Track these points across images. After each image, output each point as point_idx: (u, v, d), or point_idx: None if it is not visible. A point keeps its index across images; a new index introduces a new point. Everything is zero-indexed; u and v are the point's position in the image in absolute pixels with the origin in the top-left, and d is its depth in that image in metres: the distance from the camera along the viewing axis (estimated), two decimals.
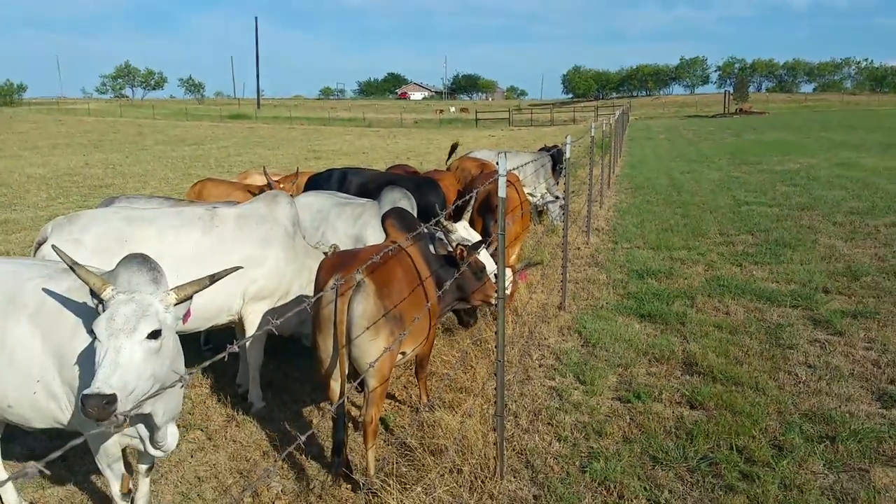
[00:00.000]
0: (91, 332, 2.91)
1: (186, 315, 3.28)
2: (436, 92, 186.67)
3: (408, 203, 6.18)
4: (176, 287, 3.06)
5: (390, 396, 5.78)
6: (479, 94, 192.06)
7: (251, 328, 5.38)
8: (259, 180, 9.18)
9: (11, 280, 3.65)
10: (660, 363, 6.22)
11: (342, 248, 5.84)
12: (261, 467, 4.74)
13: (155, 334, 2.90)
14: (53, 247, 3.33)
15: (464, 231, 5.87)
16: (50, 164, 25.85)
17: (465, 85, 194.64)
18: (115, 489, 3.67)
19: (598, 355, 6.44)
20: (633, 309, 7.71)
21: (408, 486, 4.25)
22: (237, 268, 3.24)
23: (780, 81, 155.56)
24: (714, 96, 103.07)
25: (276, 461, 4.81)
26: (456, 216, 5.85)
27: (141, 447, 3.59)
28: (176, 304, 3.04)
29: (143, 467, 3.95)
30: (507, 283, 7.20)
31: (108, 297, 2.95)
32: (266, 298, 5.33)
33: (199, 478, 4.63)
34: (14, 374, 3.46)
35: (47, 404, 3.50)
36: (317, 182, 8.00)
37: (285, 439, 5.08)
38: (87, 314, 3.38)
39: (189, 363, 6.29)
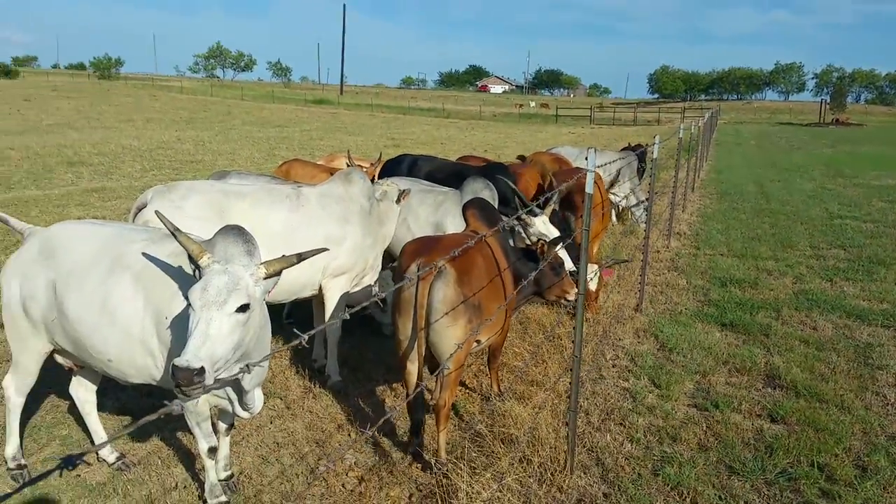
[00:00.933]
0: (186, 297, 3.03)
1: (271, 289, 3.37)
2: (516, 86, 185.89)
3: (489, 194, 6.20)
4: (266, 262, 3.15)
5: (461, 384, 5.82)
6: (561, 90, 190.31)
7: (331, 302, 5.52)
8: (343, 164, 9.36)
9: (116, 242, 3.84)
10: (740, 374, 6.08)
11: (421, 234, 5.94)
12: (335, 439, 4.85)
13: (244, 308, 2.98)
14: (157, 212, 3.47)
15: (542, 225, 5.87)
16: (144, 136, 26.89)
17: (546, 80, 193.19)
18: (203, 446, 3.83)
19: (674, 360, 6.34)
20: (713, 317, 7.54)
21: (477, 471, 4.28)
22: (324, 249, 3.33)
23: (881, 94, 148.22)
24: (809, 104, 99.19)
25: (349, 434, 4.93)
26: (536, 211, 5.86)
27: (228, 408, 3.74)
28: (265, 279, 3.12)
29: (223, 426, 4.11)
30: (590, 280, 7.18)
31: (205, 264, 3.06)
32: (345, 273, 5.50)
33: (277, 443, 4.78)
34: (116, 331, 3.63)
35: (144, 361, 3.67)
36: (388, 167, 8.11)
37: (359, 414, 5.19)
38: (186, 279, 3.53)
39: (272, 335, 6.54)
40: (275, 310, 6.70)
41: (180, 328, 3.45)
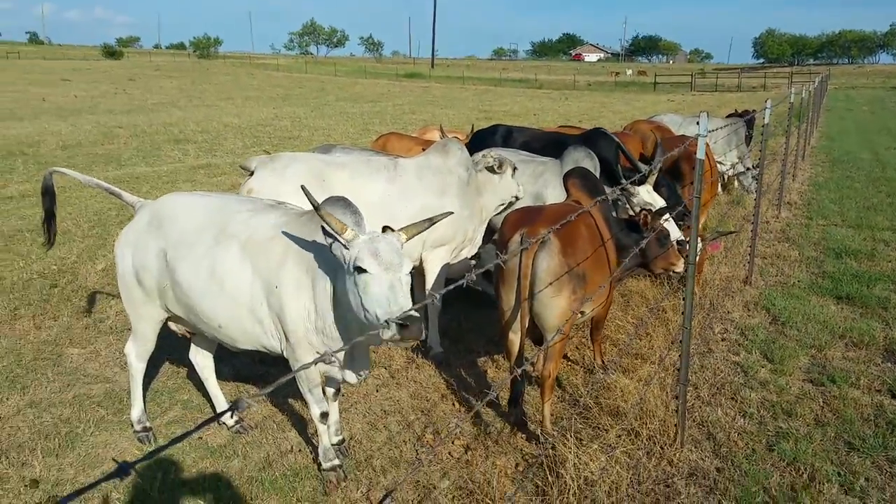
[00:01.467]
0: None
1: None
2: (612, 54, 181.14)
3: (590, 163, 6.07)
4: (404, 228, 3.32)
5: (563, 356, 5.79)
6: (660, 56, 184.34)
7: (431, 274, 5.57)
8: (436, 137, 9.37)
9: (221, 212, 3.96)
10: (858, 348, 5.80)
11: (520, 205, 5.87)
12: (439, 408, 4.92)
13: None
14: (302, 187, 3.51)
15: (646, 195, 5.71)
16: (244, 114, 27.71)
17: (644, 47, 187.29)
18: (315, 411, 3.95)
19: (787, 334, 6.10)
20: (828, 289, 7.20)
21: (584, 443, 4.26)
22: (449, 213, 3.38)
23: None
24: None
25: (453, 404, 4.99)
26: (640, 180, 5.70)
27: (338, 376, 3.84)
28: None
29: (331, 392, 4.23)
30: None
31: (351, 237, 3.20)
32: (444, 245, 5.53)
33: (384, 411, 4.89)
34: (225, 298, 3.78)
35: (253, 328, 3.81)
36: (482, 137, 8.03)
37: (461, 384, 5.24)
38: (292, 249, 3.65)
39: None
40: None
41: (291, 297, 3.61)
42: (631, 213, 5.61)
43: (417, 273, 5.83)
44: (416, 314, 2.92)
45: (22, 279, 7.14)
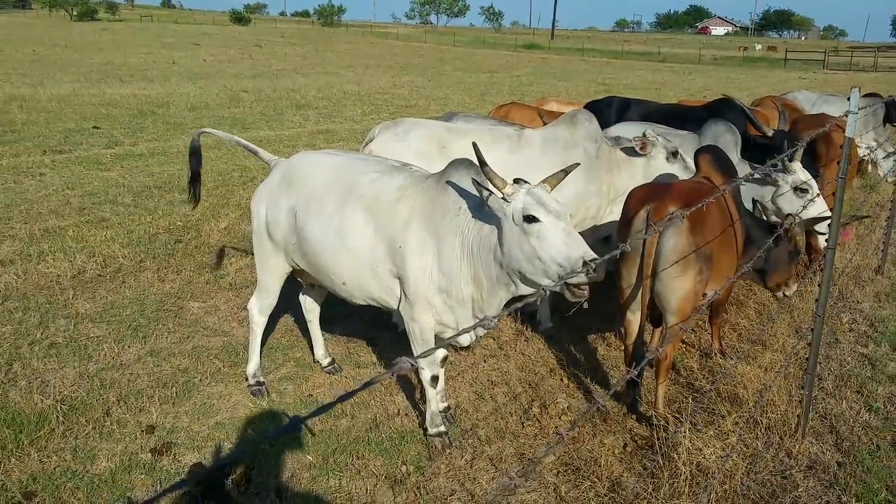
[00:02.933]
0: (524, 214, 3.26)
1: None
2: (740, 28, 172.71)
3: (731, 138, 5.71)
4: (546, 179, 3.46)
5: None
6: (791, 32, 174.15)
7: None
8: (554, 108, 9.15)
9: (349, 173, 4.02)
10: None
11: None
12: (547, 382, 4.83)
13: None
14: (473, 144, 3.52)
15: (801, 172, 5.33)
16: (363, 82, 28.12)
17: (775, 21, 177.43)
18: (426, 375, 3.96)
19: None
20: None
21: (699, 428, 4.08)
22: (577, 164, 3.54)
23: None
24: None
25: (561, 379, 4.88)
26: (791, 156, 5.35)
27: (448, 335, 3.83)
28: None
29: (439, 357, 4.20)
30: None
31: (511, 191, 3.32)
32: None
33: (491, 381, 4.84)
34: (349, 256, 3.87)
35: (373, 284, 3.90)
36: (596, 108, 7.74)
37: (570, 360, 5.12)
38: (418, 209, 3.68)
39: None
40: None
41: (413, 257, 3.66)
42: (782, 190, 5.27)
43: None
44: (594, 257, 3.00)
45: (148, 233, 7.50)
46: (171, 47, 44.02)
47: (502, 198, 3.29)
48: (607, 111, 7.45)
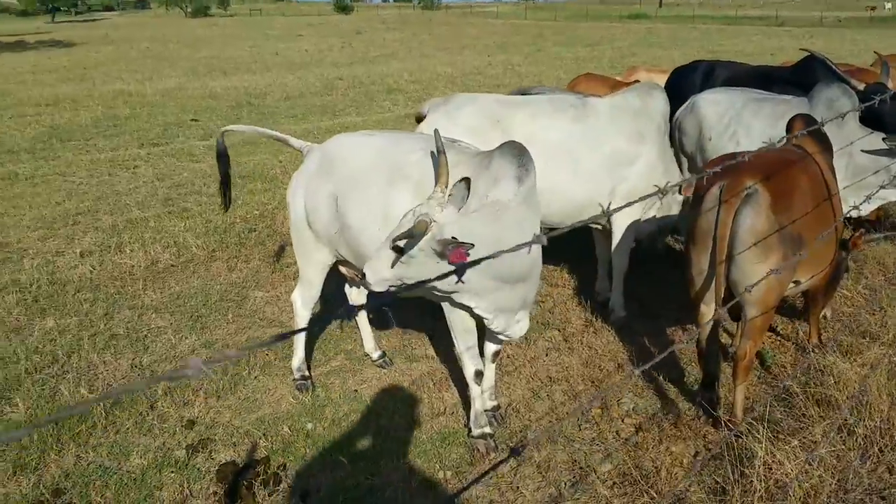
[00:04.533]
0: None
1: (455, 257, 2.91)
2: None
3: (848, 102, 5.03)
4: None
5: (771, 330, 5.00)
6: None
7: (618, 230, 5.00)
8: (644, 77, 8.57)
9: (392, 151, 3.75)
10: None
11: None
12: (613, 379, 4.42)
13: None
14: (435, 131, 3.28)
15: None
16: (457, 63, 27.79)
17: None
18: (469, 370, 3.68)
19: None
20: None
21: (781, 437, 3.59)
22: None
23: None
24: None
25: (630, 376, 4.45)
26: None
27: (491, 326, 3.54)
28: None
29: (490, 351, 3.92)
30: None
31: (430, 195, 3.00)
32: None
33: (550, 377, 4.48)
34: None
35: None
36: (681, 74, 7.14)
37: (643, 354, 4.67)
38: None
39: (555, 261, 6.23)
40: (561, 238, 6.37)
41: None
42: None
43: (603, 229, 5.29)
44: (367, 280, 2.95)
45: (225, 222, 7.50)
46: (275, 39, 45.09)
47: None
48: (692, 76, 6.86)
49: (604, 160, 4.76)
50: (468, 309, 3.44)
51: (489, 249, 2.79)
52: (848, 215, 5.28)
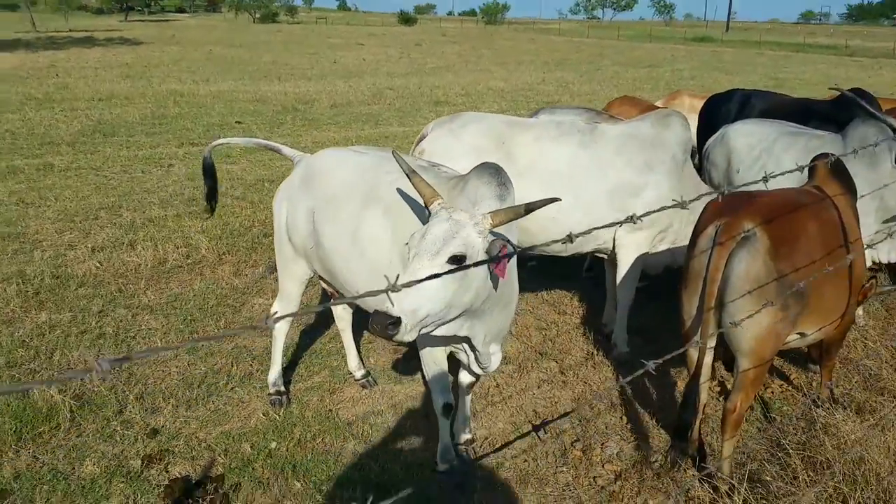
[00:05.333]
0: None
1: (501, 266, 2.75)
2: None
3: (884, 142, 4.71)
4: (493, 212, 2.63)
5: (782, 377, 4.70)
6: None
7: (624, 262, 4.76)
8: (686, 103, 8.28)
9: (373, 173, 3.62)
10: None
11: (784, 186, 4.73)
12: (603, 419, 4.18)
13: (458, 259, 2.51)
14: (393, 152, 3.13)
15: None
16: (511, 79, 27.65)
17: None
18: (438, 402, 3.51)
19: None
20: None
21: (767, 500, 3.32)
22: (555, 199, 2.62)
23: None
24: None
25: (622, 417, 4.22)
26: None
27: (463, 360, 3.38)
28: (491, 231, 2.59)
29: (465, 382, 3.75)
30: None
31: (435, 210, 2.68)
32: (644, 230, 4.61)
33: (536, 412, 4.28)
34: (366, 263, 3.46)
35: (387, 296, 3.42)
36: (716, 103, 6.87)
37: (639, 395, 4.43)
38: None
39: (568, 287, 6.01)
40: (577, 262, 6.17)
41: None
42: None
43: (609, 261, 5.06)
44: (385, 310, 2.42)
45: (242, 226, 7.48)
46: (336, 48, 45.62)
47: (427, 213, 2.74)
48: (727, 105, 6.61)
49: (607, 189, 4.55)
50: (446, 342, 3.29)
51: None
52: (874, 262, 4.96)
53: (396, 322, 2.41)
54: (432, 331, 2.68)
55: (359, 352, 4.65)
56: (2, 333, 4.84)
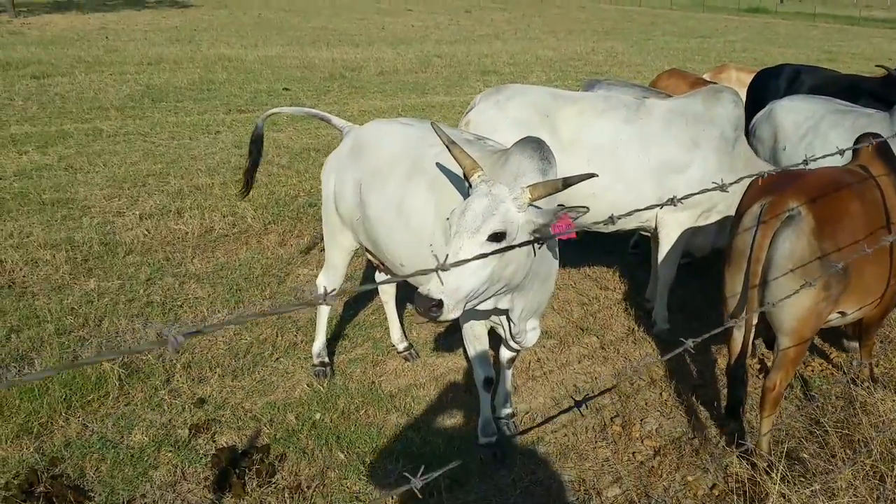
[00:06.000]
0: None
1: (561, 224, 2.78)
2: None
3: None
4: (531, 185, 2.63)
5: (822, 356, 4.65)
6: None
7: (666, 240, 4.73)
8: (734, 77, 8.09)
9: (418, 145, 3.64)
10: None
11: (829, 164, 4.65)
12: (642, 395, 4.20)
13: (498, 236, 2.54)
14: (432, 123, 3.13)
15: None
16: (560, 48, 27.21)
17: None
18: (479, 376, 3.55)
19: None
20: None
21: (804, 478, 3.31)
22: (592, 175, 2.62)
23: None
24: None
25: (661, 394, 4.22)
26: None
27: (503, 335, 3.42)
28: (530, 204, 2.59)
29: (506, 357, 3.78)
30: None
31: (476, 183, 2.69)
32: (688, 210, 4.55)
33: (577, 387, 4.31)
34: (409, 235, 3.51)
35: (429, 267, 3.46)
36: (765, 78, 6.72)
37: (680, 370, 4.42)
38: None
39: (611, 262, 5.98)
40: (619, 238, 6.12)
41: None
42: None
43: (653, 237, 5.02)
44: (427, 293, 2.44)
45: (288, 195, 7.57)
46: (384, 13, 45.32)
47: (468, 184, 2.75)
48: (776, 81, 6.46)
49: (650, 166, 4.50)
50: (486, 315, 3.32)
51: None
52: None
53: (439, 304, 2.45)
54: (475, 305, 2.72)
55: (402, 324, 4.71)
56: (51, 300, 4.97)
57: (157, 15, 32.20)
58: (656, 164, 4.50)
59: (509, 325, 3.26)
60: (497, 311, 3.21)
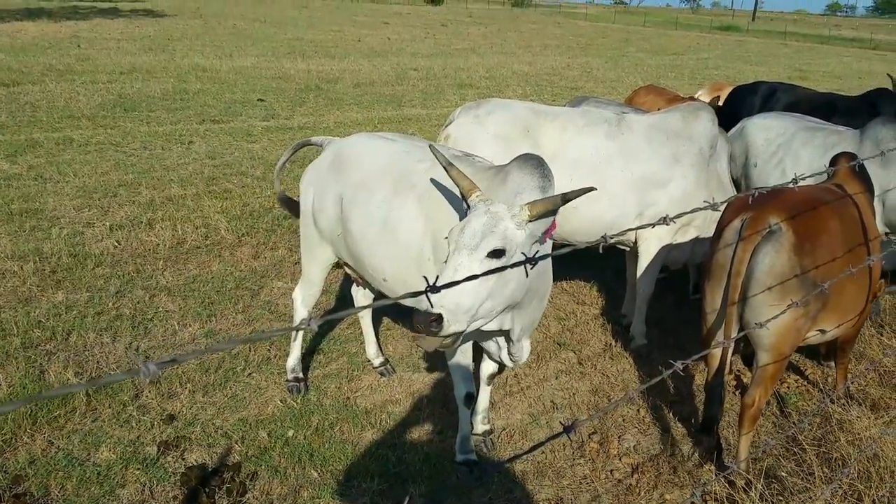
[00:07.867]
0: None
1: (551, 229, 2.81)
2: None
3: None
4: (530, 203, 2.63)
5: (798, 373, 4.66)
6: None
7: (646, 255, 4.73)
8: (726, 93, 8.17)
9: (404, 160, 3.61)
10: None
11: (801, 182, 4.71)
12: (621, 412, 4.16)
13: (497, 253, 2.53)
14: (430, 146, 3.14)
15: None
16: (536, 63, 27.41)
17: None
18: (460, 392, 3.50)
19: None
20: None
21: (783, 496, 3.30)
22: (591, 188, 2.60)
23: None
24: None
25: (639, 410, 4.20)
26: None
27: (495, 354, 3.37)
28: (529, 222, 2.58)
29: (486, 373, 3.75)
30: None
31: (473, 202, 2.70)
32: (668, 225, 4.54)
33: (553, 403, 4.27)
34: (395, 249, 3.46)
35: (415, 283, 3.40)
36: (740, 94, 6.81)
37: (657, 388, 4.39)
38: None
39: (587, 277, 5.97)
40: (595, 252, 6.10)
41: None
42: None
43: (630, 252, 5.02)
44: (426, 309, 2.41)
45: (262, 207, 7.48)
46: (360, 25, 45.36)
47: (466, 205, 2.74)
48: (751, 97, 6.53)
49: (632, 181, 4.50)
50: (490, 336, 3.28)
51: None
52: None
53: (438, 319, 2.41)
54: (482, 325, 2.69)
55: (377, 339, 4.64)
56: (18, 313, 4.82)
57: (130, 24, 31.84)
58: (638, 178, 4.50)
59: (508, 343, 3.21)
60: (499, 332, 3.17)
